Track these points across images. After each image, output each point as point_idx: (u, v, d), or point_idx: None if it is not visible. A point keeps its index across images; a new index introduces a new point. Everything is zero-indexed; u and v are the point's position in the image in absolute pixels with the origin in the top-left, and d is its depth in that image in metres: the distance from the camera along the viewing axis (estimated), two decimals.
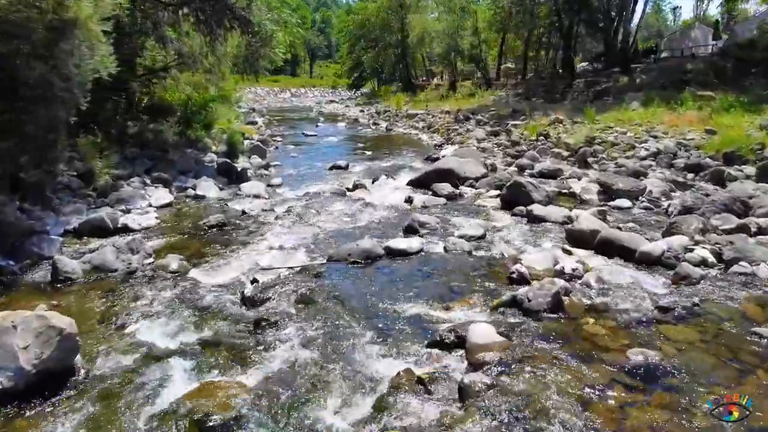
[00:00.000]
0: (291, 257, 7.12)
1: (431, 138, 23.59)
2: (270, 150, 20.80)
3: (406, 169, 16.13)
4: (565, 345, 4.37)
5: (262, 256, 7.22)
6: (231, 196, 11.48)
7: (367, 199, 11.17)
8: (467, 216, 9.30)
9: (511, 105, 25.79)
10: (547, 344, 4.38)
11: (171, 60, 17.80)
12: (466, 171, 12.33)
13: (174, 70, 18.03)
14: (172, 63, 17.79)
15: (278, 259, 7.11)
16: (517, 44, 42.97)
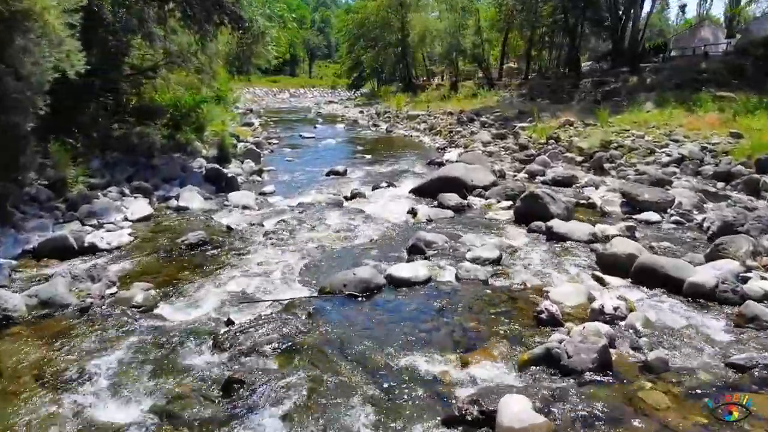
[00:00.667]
0: (277, 287, 6.12)
1: (433, 140, 22.60)
2: (265, 153, 19.81)
3: (407, 174, 15.14)
4: (623, 426, 3.36)
5: (243, 284, 6.22)
6: (218, 207, 10.48)
7: (367, 211, 10.18)
8: (479, 232, 8.29)
9: (516, 106, 24.79)
10: (599, 424, 3.38)
11: (160, 59, 16.84)
12: (473, 179, 11.33)
13: (163, 69, 17.08)
14: (162, 62, 16.83)
15: (262, 288, 6.11)
16: (520, 43, 42.05)
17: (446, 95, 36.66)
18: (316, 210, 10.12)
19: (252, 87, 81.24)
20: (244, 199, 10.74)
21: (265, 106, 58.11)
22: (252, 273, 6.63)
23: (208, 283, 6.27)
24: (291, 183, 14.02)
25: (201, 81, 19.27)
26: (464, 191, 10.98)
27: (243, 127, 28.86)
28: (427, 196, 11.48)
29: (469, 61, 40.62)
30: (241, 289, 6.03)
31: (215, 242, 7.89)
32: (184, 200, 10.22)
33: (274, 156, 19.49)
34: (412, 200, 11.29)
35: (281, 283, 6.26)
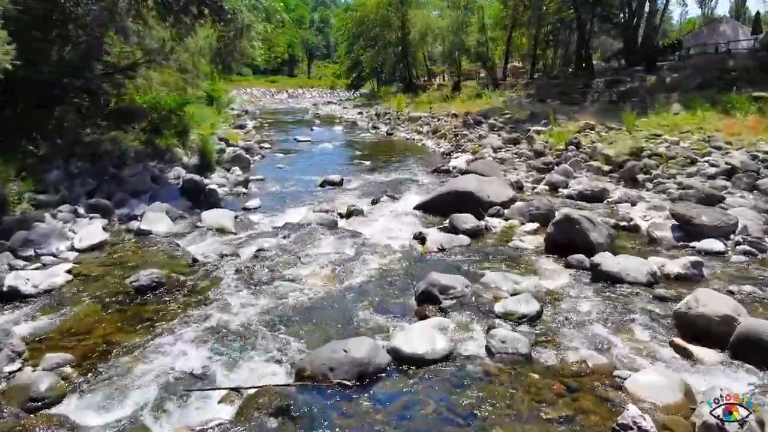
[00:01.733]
0: (240, 361, 4.47)
1: (437, 145, 20.96)
2: (255, 159, 18.18)
3: (411, 185, 13.51)
4: None
5: (195, 355, 4.58)
6: (188, 229, 8.83)
7: (365, 234, 8.55)
8: (504, 269, 6.65)
9: (526, 107, 23.14)
10: None
11: (139, 57, 15.24)
12: (490, 194, 9.68)
13: (143, 68, 15.48)
14: (141, 60, 15.22)
15: (220, 361, 4.47)
16: (524, 42, 40.47)
17: (449, 96, 35.00)
18: (304, 233, 8.48)
19: (249, 87, 79.96)
20: (220, 218, 9.09)
21: (262, 107, 56.52)
22: (210, 333, 4.99)
23: (148, 353, 4.62)
24: (280, 195, 12.38)
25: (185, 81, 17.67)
26: (479, 209, 9.35)
27: (236, 130, 27.28)
28: (435, 213, 9.86)
29: (473, 60, 38.96)
30: (191, 367, 4.37)
31: (172, 283, 6.24)
32: (147, 222, 8.56)
33: (265, 162, 17.85)
34: (418, 219, 9.65)
35: (247, 353, 4.61)
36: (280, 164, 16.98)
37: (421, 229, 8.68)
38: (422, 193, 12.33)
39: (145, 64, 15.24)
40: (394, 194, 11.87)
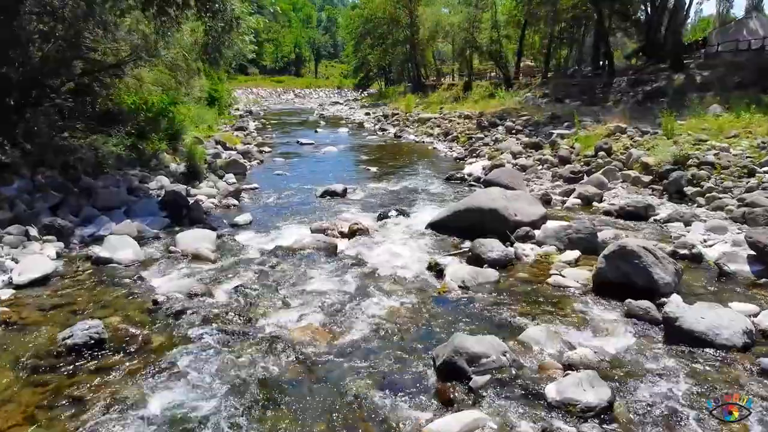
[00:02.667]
0: None
1: (450, 148, 19.47)
2: (252, 165, 16.81)
3: (422, 195, 12.08)
4: None
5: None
6: (159, 255, 7.41)
7: (369, 262, 7.12)
8: (548, 319, 5.17)
9: (544, 108, 21.60)
10: None
11: (126, 54, 13.90)
12: (517, 212, 8.20)
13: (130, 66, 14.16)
14: (127, 57, 13.88)
15: None
16: (536, 40, 38.99)
17: (460, 96, 33.55)
18: (297, 262, 7.05)
19: (256, 87, 78.97)
20: (199, 241, 7.66)
21: (267, 107, 55.32)
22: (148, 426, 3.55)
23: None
24: (275, 208, 10.96)
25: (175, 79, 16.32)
26: (505, 230, 7.88)
27: (236, 132, 25.94)
28: (452, 233, 8.41)
29: (485, 59, 37.45)
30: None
31: (118, 339, 4.82)
32: (109, 247, 7.13)
33: (262, 168, 16.45)
34: (432, 241, 8.20)
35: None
36: (279, 170, 15.56)
37: (436, 256, 7.23)
38: (435, 205, 10.90)
39: (132, 62, 13.91)
40: (403, 208, 10.42)
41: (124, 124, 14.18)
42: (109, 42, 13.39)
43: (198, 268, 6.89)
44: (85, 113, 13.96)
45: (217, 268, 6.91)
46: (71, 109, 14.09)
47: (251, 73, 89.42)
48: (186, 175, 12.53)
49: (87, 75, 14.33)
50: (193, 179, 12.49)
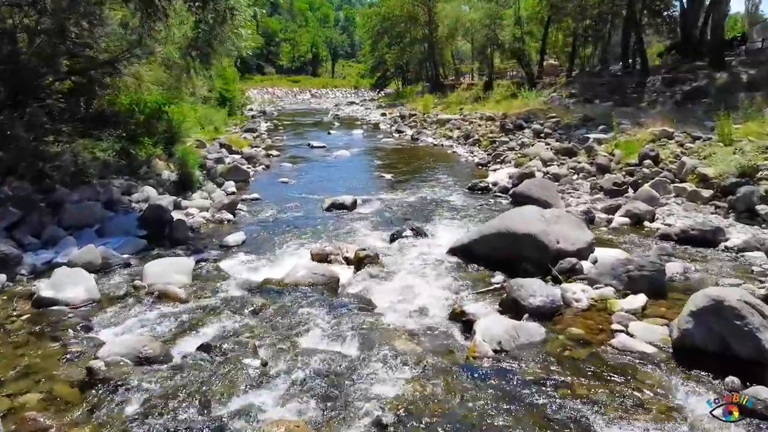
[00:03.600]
0: None
1: (471, 153, 17.96)
2: (257, 171, 15.51)
3: (442, 208, 10.64)
4: None
5: None
6: (119, 292, 6.03)
7: (378, 305, 5.72)
8: (621, 410, 3.69)
9: (574, 109, 19.95)
10: None
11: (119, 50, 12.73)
12: (559, 237, 6.70)
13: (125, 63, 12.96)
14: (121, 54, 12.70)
15: None
16: (560, 37, 37.26)
17: (480, 96, 31.91)
18: (286, 304, 5.65)
19: (272, 87, 78.08)
20: (171, 272, 6.28)
21: (282, 107, 54.19)
22: None
23: None
24: (273, 225, 9.58)
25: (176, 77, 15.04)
26: (547, 263, 6.42)
27: (245, 134, 24.69)
28: (479, 263, 6.97)
29: (507, 57, 35.76)
30: None
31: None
32: (56, 283, 5.76)
33: (267, 174, 15.12)
34: (455, 273, 6.76)
35: None
36: (284, 177, 14.20)
37: (462, 295, 5.79)
38: (457, 222, 9.46)
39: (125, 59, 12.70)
40: (420, 225, 8.99)
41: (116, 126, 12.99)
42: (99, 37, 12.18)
43: (163, 310, 5.52)
44: (76, 115, 12.81)
45: (186, 310, 5.52)
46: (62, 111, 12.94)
47: (267, 73, 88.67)
48: (177, 184, 11.23)
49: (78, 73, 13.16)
50: (185, 189, 11.18)
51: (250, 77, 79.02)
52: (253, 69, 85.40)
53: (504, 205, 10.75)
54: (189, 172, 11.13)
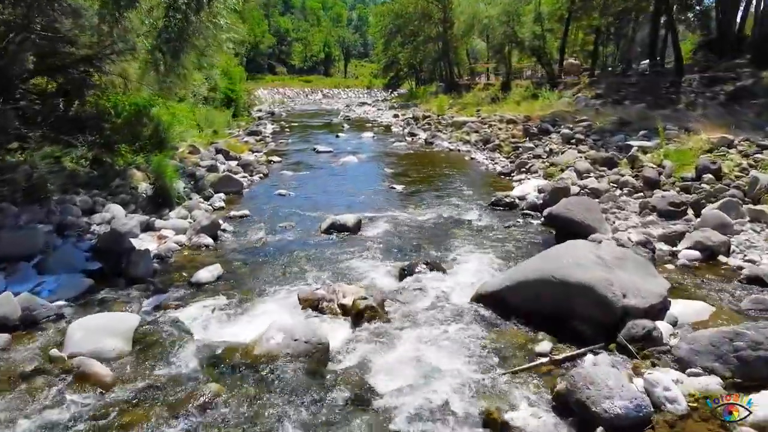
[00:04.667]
0: None
1: (492, 160, 16.21)
2: (254, 180, 13.91)
3: (462, 231, 8.97)
4: None
5: None
6: (26, 365, 4.42)
7: (378, 392, 4.07)
8: None
9: (603, 111, 18.11)
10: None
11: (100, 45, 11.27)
12: (626, 289, 4.97)
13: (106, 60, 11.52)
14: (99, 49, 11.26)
15: None
16: (580, 35, 35.42)
17: (498, 96, 30.09)
18: (250, 392, 4.01)
19: (283, 87, 76.69)
20: (102, 336, 4.66)
21: (292, 108, 52.74)
22: None
23: None
24: (257, 254, 7.95)
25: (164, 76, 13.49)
26: (611, 321, 4.71)
27: (248, 137, 23.14)
28: (514, 318, 5.32)
29: (527, 55, 33.90)
30: None
31: None
32: None
33: (264, 185, 13.50)
34: (484, 332, 5.10)
35: None
36: (282, 189, 12.57)
37: (497, 387, 4.10)
38: (481, 251, 7.76)
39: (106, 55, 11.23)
40: (436, 256, 7.34)
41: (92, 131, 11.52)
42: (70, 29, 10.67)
43: (77, 402, 3.89)
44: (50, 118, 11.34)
45: (106, 404, 3.89)
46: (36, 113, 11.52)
47: (279, 73, 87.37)
48: (153, 200, 9.64)
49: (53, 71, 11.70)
50: (162, 206, 9.58)
51: (261, 77, 77.80)
52: (265, 69, 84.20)
53: (536, 228, 9.04)
54: (167, 186, 9.51)
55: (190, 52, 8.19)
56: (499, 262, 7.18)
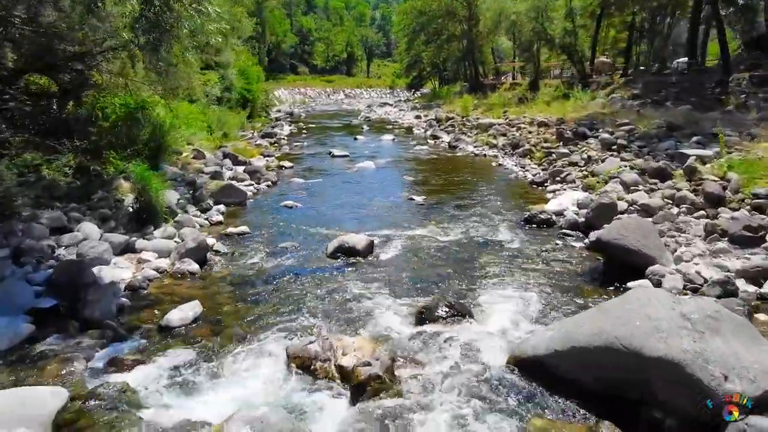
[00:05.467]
0: None
1: (522, 167, 14.77)
2: (260, 189, 12.72)
3: (491, 257, 7.63)
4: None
5: None
6: None
7: None
8: None
9: (646, 114, 16.47)
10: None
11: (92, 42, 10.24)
12: (726, 368, 3.57)
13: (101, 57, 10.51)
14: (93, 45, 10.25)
15: None
16: (611, 32, 33.63)
17: (525, 97, 28.47)
18: None
19: (304, 87, 75.77)
20: (10, 422, 3.44)
21: (312, 108, 51.72)
22: None
23: None
24: (247, 286, 6.71)
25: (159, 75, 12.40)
26: (703, 414, 3.33)
27: (263, 139, 22.05)
28: (565, 394, 3.94)
29: (557, 53, 32.17)
30: None
31: None
32: None
33: (270, 195, 12.29)
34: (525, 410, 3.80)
35: None
36: (288, 200, 11.33)
37: None
38: (515, 287, 6.39)
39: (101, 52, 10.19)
40: (460, 295, 6.00)
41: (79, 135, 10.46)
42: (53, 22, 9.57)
43: None
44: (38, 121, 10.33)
45: None
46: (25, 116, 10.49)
47: (301, 73, 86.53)
48: (137, 215, 8.46)
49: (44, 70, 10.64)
50: (146, 223, 8.40)
51: (283, 77, 77.08)
52: (287, 68, 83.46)
53: (579, 254, 7.64)
54: (150, 200, 8.30)
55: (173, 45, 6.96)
56: (540, 305, 5.81)
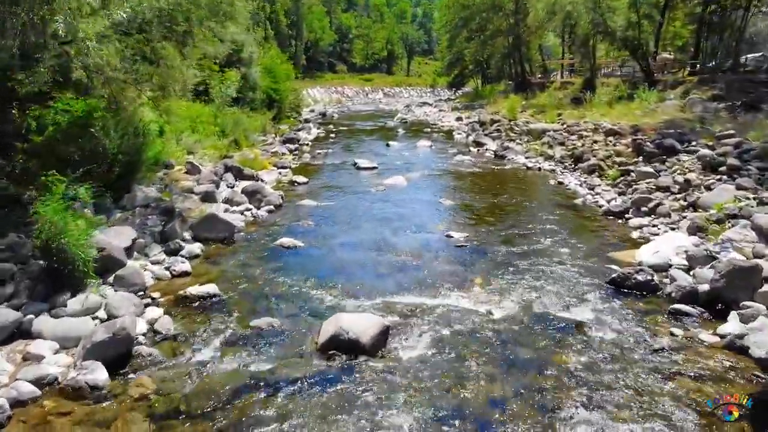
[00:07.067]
0: None
1: (589, 187, 11.72)
2: (256, 217, 10.12)
3: (570, 359, 4.71)
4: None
5: None
6: None
7: None
8: None
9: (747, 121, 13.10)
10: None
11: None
12: None
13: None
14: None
15: None
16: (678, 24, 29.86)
17: (581, 98, 25.08)
18: None
19: (342, 86, 73.39)
20: None
21: (347, 108, 49.30)
22: None
23: None
24: (166, 427, 4.01)
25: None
26: None
27: (283, 145, 19.54)
28: None
29: (617, 48, 28.62)
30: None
31: None
32: None
33: (264, 228, 9.62)
34: None
35: None
36: (287, 237, 8.64)
37: None
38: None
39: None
40: None
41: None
42: None
43: None
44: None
45: None
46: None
47: (339, 71, 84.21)
48: (47, 275, 5.86)
49: None
50: (62, 287, 5.80)
51: (320, 75, 74.98)
52: (325, 67, 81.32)
53: (713, 355, 4.69)
54: (67, 256, 5.69)
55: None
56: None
